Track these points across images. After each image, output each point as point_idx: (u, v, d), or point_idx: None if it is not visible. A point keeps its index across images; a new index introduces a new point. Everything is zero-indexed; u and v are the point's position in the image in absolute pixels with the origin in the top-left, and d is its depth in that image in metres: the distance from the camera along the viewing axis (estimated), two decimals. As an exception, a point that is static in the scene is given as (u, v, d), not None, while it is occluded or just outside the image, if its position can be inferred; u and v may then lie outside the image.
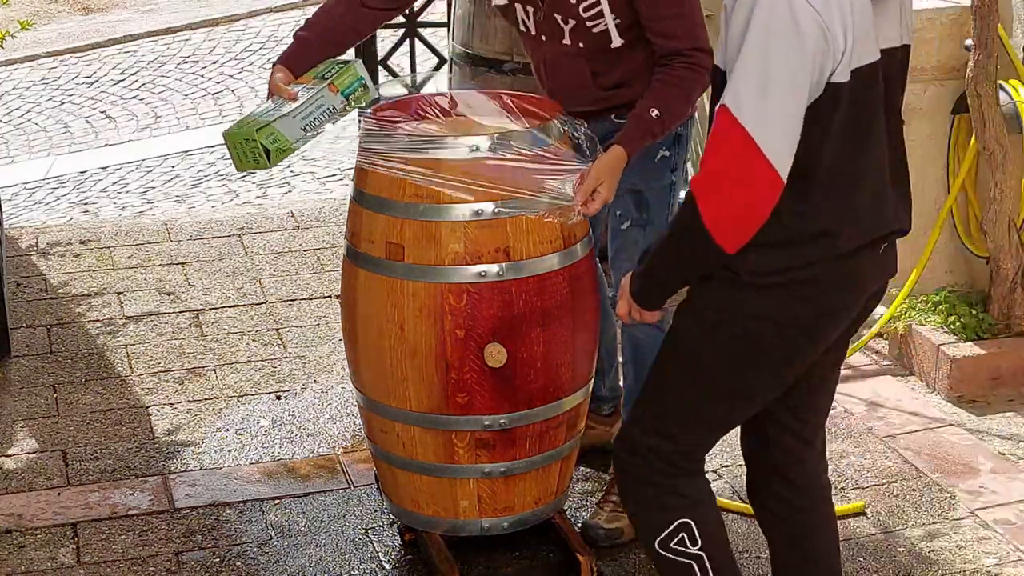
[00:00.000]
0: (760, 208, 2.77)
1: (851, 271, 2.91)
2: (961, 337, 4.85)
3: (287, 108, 3.63)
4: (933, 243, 5.11)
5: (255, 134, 3.56)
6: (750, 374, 2.97)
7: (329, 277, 5.83)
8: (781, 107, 2.71)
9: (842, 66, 2.74)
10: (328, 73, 3.72)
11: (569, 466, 3.94)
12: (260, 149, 3.56)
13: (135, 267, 6.01)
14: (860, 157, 2.86)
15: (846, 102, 2.78)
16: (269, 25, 10.79)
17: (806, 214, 2.82)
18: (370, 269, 3.69)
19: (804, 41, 2.68)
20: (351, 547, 4.05)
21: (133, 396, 4.93)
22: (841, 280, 2.91)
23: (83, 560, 4.01)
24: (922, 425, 4.63)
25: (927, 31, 5.05)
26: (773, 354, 2.95)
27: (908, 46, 2.97)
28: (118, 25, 11.61)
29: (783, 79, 2.70)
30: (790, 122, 2.73)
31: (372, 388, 3.81)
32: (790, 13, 2.68)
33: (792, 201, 2.79)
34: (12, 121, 9.72)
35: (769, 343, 2.92)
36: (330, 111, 3.68)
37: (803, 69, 2.70)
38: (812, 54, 2.69)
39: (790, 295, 2.88)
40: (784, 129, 2.72)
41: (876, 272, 2.99)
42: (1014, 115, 4.77)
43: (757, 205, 2.76)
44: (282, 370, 5.10)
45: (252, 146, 3.57)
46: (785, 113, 2.72)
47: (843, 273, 2.90)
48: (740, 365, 2.96)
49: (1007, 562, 3.90)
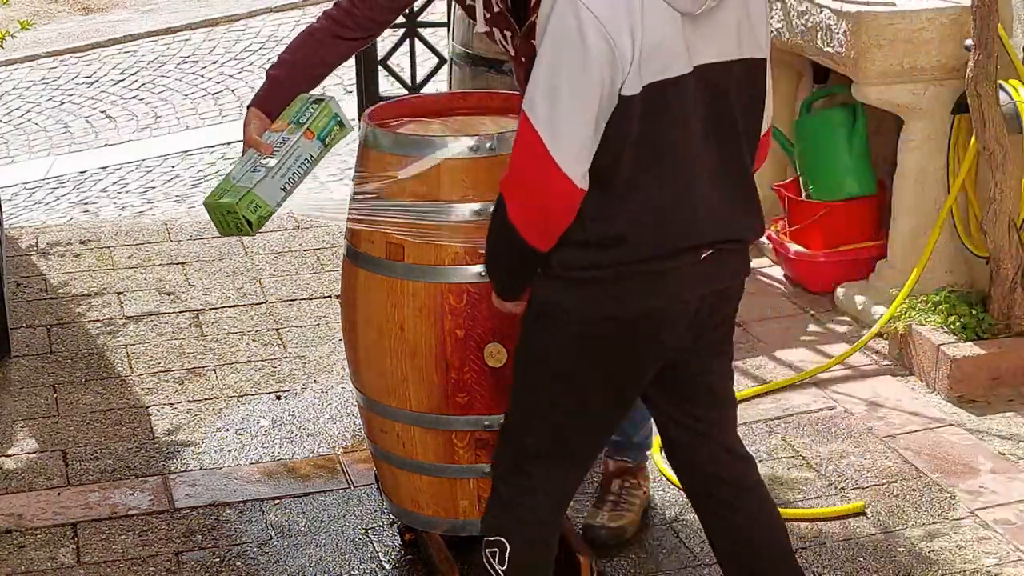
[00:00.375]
0: (556, 212, 2.86)
1: (657, 277, 2.93)
2: (961, 337, 4.85)
3: (265, 169, 3.58)
4: (933, 243, 5.11)
5: (235, 206, 3.53)
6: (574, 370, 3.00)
7: (329, 277, 5.83)
8: (569, 117, 2.78)
9: (631, 80, 2.78)
10: (303, 117, 3.65)
11: (569, 466, 3.94)
12: (242, 220, 3.55)
13: (135, 267, 6.01)
14: (661, 169, 2.88)
15: (639, 115, 2.82)
16: (269, 25, 10.79)
17: (605, 220, 2.88)
18: (370, 269, 3.69)
19: (589, 53, 2.75)
20: (351, 547, 4.05)
21: (133, 396, 4.93)
22: (647, 285, 2.93)
23: (83, 560, 4.01)
24: (922, 425, 4.63)
25: (927, 31, 5.06)
26: (592, 351, 2.98)
27: (753, 59, 2.97)
28: (118, 25, 11.62)
29: (569, 89, 2.77)
30: (580, 131, 2.79)
31: (372, 388, 3.81)
32: (577, 25, 2.74)
33: (592, 207, 2.86)
34: (12, 121, 9.73)
35: (585, 339, 2.97)
36: (308, 161, 3.64)
37: (589, 80, 2.76)
38: (599, 66, 2.75)
39: (601, 292, 2.93)
40: (574, 138, 2.80)
41: (696, 280, 2.99)
42: (1014, 115, 4.77)
43: (553, 208, 2.86)
44: (282, 370, 5.10)
45: (234, 217, 3.56)
46: (573, 122, 2.79)
47: (649, 279, 2.93)
48: (562, 358, 3.00)
49: (1007, 562, 3.89)
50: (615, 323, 2.96)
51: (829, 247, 5.53)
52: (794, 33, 5.43)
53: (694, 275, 2.98)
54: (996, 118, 4.75)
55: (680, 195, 2.92)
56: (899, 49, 5.05)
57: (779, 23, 5.53)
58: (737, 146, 3.00)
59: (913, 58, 5.07)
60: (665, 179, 2.90)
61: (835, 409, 4.74)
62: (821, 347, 5.16)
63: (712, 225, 2.97)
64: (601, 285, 2.93)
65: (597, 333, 2.97)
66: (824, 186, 5.55)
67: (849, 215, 5.52)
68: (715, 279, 3.04)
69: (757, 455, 4.42)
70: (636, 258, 2.90)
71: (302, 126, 3.63)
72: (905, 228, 5.27)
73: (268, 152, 3.59)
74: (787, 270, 5.74)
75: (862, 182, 5.52)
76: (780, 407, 4.75)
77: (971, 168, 5.07)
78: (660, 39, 2.80)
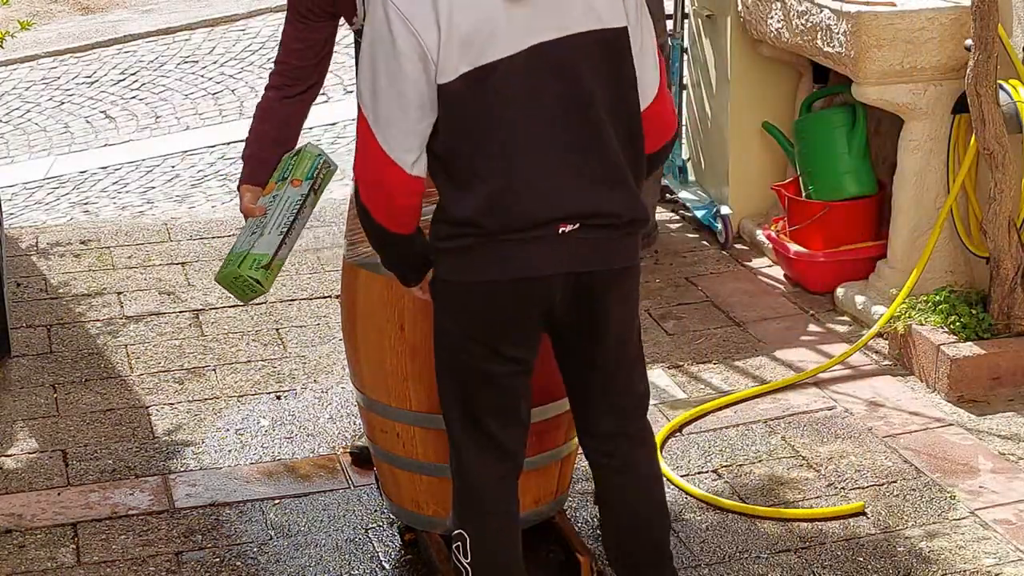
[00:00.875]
0: (397, 196, 3.05)
1: (513, 252, 3.04)
2: (961, 337, 4.85)
3: (260, 228, 3.70)
4: (933, 243, 5.11)
5: (238, 271, 3.65)
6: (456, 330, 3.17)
7: (329, 277, 5.83)
8: (388, 107, 2.97)
9: (444, 69, 2.92)
10: (287, 171, 3.76)
11: (569, 466, 3.94)
12: (249, 280, 3.66)
13: (135, 267, 6.02)
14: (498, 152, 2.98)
15: (463, 102, 2.94)
16: (269, 25, 10.79)
17: (455, 205, 3.03)
18: (370, 269, 3.69)
19: (396, 46, 2.93)
20: (351, 547, 4.05)
21: (133, 396, 4.93)
22: (505, 257, 3.05)
23: (83, 560, 4.00)
24: (922, 425, 4.62)
25: (927, 31, 5.05)
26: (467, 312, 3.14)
27: (608, 30, 3.02)
28: (118, 25, 11.61)
29: (386, 82, 2.96)
30: (401, 121, 2.97)
31: (372, 388, 3.81)
32: (386, 20, 2.94)
33: (444, 194, 3.06)
34: (12, 121, 9.72)
35: (460, 301, 3.13)
36: (300, 202, 3.73)
37: (401, 72, 2.94)
38: (407, 59, 2.93)
39: (466, 261, 3.07)
40: (396, 128, 2.98)
41: (558, 255, 3.06)
42: (1014, 115, 4.77)
43: (393, 193, 3.04)
44: (282, 370, 5.10)
45: (242, 281, 3.67)
46: (392, 113, 2.97)
47: (505, 253, 3.04)
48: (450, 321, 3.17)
49: (1007, 562, 3.89)
50: (482, 289, 3.10)
51: (829, 247, 5.53)
52: (794, 33, 5.43)
53: (555, 250, 3.06)
54: (996, 118, 4.75)
55: (523, 175, 3.00)
56: (899, 49, 5.05)
57: (779, 23, 5.53)
58: (596, 123, 3.03)
59: (913, 58, 5.07)
60: (504, 161, 2.99)
61: (835, 409, 4.74)
62: (821, 347, 5.16)
63: (564, 200, 3.03)
64: (466, 255, 3.07)
65: (468, 300, 3.12)
66: (824, 186, 5.55)
67: (849, 215, 5.52)
68: (583, 259, 3.09)
69: (757, 455, 4.43)
70: (487, 235, 3.03)
71: (287, 179, 3.75)
72: (905, 228, 5.27)
73: (261, 213, 3.70)
74: (787, 270, 5.74)
75: (862, 182, 5.52)
76: (780, 407, 4.75)
77: (971, 168, 5.07)
78: (475, 26, 2.91)
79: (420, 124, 2.98)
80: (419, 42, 2.92)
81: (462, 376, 3.24)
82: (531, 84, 2.98)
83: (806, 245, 5.59)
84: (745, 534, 4.05)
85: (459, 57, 2.93)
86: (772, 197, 6.01)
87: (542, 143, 3.01)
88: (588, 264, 3.10)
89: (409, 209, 3.09)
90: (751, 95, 6.02)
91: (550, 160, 3.02)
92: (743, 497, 4.22)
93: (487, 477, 3.30)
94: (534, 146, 3.01)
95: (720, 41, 6.08)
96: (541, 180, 3.02)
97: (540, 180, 3.02)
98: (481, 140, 2.99)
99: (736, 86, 6.01)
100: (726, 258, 5.98)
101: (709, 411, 4.70)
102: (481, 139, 2.99)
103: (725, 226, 6.04)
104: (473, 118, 2.97)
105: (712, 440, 4.55)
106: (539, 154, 3.01)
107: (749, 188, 6.12)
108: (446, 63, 2.93)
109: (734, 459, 4.43)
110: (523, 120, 2.99)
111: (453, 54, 2.92)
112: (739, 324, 5.37)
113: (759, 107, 6.02)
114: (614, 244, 3.12)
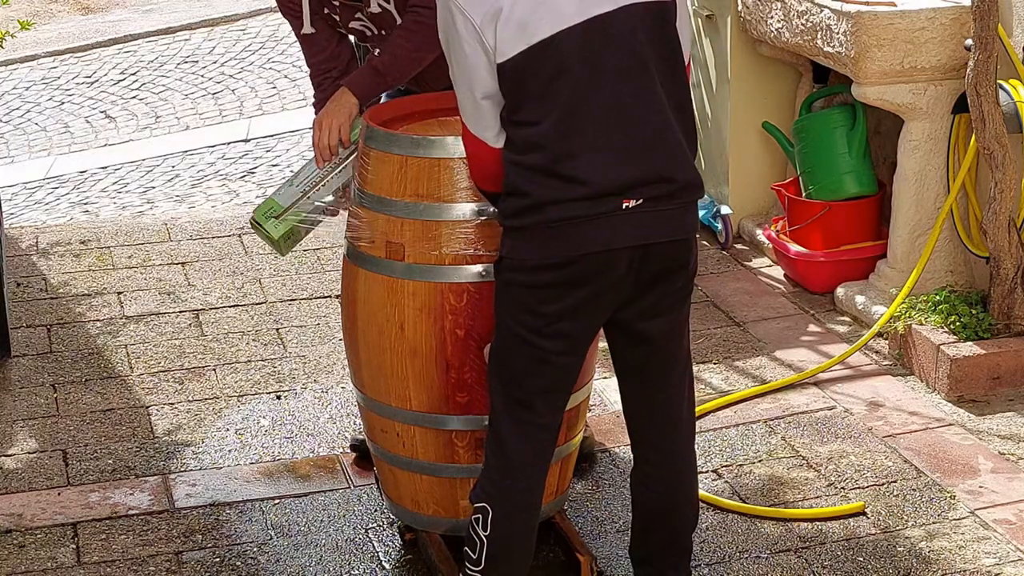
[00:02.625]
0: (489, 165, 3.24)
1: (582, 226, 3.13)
2: (961, 337, 4.85)
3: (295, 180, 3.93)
4: (933, 243, 5.11)
5: (254, 213, 3.87)
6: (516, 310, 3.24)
7: (329, 277, 5.83)
8: (461, 89, 3.20)
9: (502, 50, 3.09)
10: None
11: (569, 466, 3.94)
12: (260, 228, 3.85)
13: (135, 267, 6.02)
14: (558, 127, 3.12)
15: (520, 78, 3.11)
16: (269, 25, 10.78)
17: (519, 191, 3.17)
18: (370, 268, 3.69)
19: (459, 34, 3.14)
20: (351, 547, 4.05)
21: (133, 396, 4.93)
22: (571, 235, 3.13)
23: (83, 560, 4.01)
24: (922, 425, 4.62)
25: (927, 31, 5.05)
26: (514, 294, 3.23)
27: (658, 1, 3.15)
28: (118, 25, 11.62)
29: (457, 67, 3.19)
30: (470, 101, 3.18)
31: (372, 387, 3.81)
32: (451, 15, 3.15)
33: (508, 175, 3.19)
34: (12, 121, 9.73)
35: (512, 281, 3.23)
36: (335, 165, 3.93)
37: (465, 57, 3.14)
38: (469, 44, 3.13)
39: (530, 240, 3.17)
40: (469, 106, 3.20)
41: (625, 229, 3.15)
42: (1014, 115, 4.76)
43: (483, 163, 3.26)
44: (282, 370, 5.10)
45: (256, 224, 3.86)
46: (464, 93, 3.20)
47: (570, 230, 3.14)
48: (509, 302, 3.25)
49: (1007, 562, 3.89)
50: (547, 269, 3.17)
51: (829, 247, 5.53)
52: (794, 33, 5.43)
53: (622, 225, 3.14)
54: (996, 118, 4.75)
55: (583, 149, 3.11)
56: (899, 49, 5.05)
57: (779, 23, 5.53)
58: (652, 91, 3.15)
59: (913, 58, 5.07)
60: (563, 137, 3.10)
61: (835, 409, 4.74)
62: (821, 347, 5.16)
63: (622, 178, 3.12)
64: (530, 233, 3.17)
65: (532, 279, 3.19)
66: (824, 186, 5.55)
67: (849, 215, 5.52)
68: (651, 231, 3.17)
69: (757, 455, 4.43)
70: (552, 217, 3.13)
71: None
72: (905, 228, 5.27)
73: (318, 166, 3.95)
74: (787, 270, 5.74)
75: (862, 182, 5.52)
76: (780, 407, 4.75)
77: (971, 168, 5.07)
78: (532, 7, 3.08)
79: (488, 103, 3.18)
80: (476, 29, 3.11)
81: (518, 354, 3.28)
82: (589, 59, 3.10)
83: (806, 245, 5.59)
84: (745, 534, 4.05)
85: (516, 36, 3.08)
86: (772, 197, 6.01)
87: (602, 112, 3.12)
88: (657, 235, 3.18)
89: (490, 176, 3.29)
90: (751, 95, 6.02)
91: (613, 133, 3.13)
92: (743, 497, 4.22)
93: (524, 456, 3.34)
94: (595, 120, 3.12)
95: (720, 41, 6.08)
96: (605, 154, 3.12)
97: (604, 154, 3.12)
98: (539, 109, 3.12)
99: (736, 86, 6.01)
100: (726, 258, 5.98)
101: (709, 411, 4.70)
102: (539, 108, 3.12)
103: (725, 226, 6.04)
104: (533, 90, 3.11)
105: (712, 440, 4.55)
106: (601, 129, 3.12)
107: (749, 188, 6.12)
108: (503, 44, 3.09)
109: (734, 459, 4.43)
110: (577, 93, 3.10)
111: (510, 34, 3.08)
112: (739, 324, 5.37)
113: (759, 107, 6.02)
114: (674, 212, 3.20)
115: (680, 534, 3.48)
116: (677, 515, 3.46)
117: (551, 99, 3.11)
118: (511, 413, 3.33)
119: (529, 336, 3.24)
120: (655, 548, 3.49)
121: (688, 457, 3.46)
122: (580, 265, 3.16)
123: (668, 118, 3.17)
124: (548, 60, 3.09)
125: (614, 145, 3.13)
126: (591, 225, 3.13)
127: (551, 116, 3.11)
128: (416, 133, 3.70)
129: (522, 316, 3.23)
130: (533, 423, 3.33)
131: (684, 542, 3.50)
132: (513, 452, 3.34)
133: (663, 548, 3.48)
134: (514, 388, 3.31)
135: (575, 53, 3.10)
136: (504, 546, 3.37)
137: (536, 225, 3.15)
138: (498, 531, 3.35)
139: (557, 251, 3.15)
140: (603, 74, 3.11)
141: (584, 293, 3.19)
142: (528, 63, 3.10)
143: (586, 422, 4.07)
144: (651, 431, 3.43)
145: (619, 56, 3.12)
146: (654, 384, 3.37)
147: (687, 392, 3.43)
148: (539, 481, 3.39)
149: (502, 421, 3.34)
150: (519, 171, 3.16)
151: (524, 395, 3.31)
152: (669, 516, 3.46)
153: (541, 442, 3.36)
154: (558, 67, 3.09)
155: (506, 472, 3.35)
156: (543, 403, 3.32)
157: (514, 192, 3.18)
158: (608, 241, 3.14)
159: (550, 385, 3.31)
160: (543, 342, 3.23)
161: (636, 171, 3.13)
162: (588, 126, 3.12)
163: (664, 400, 3.39)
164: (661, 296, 3.26)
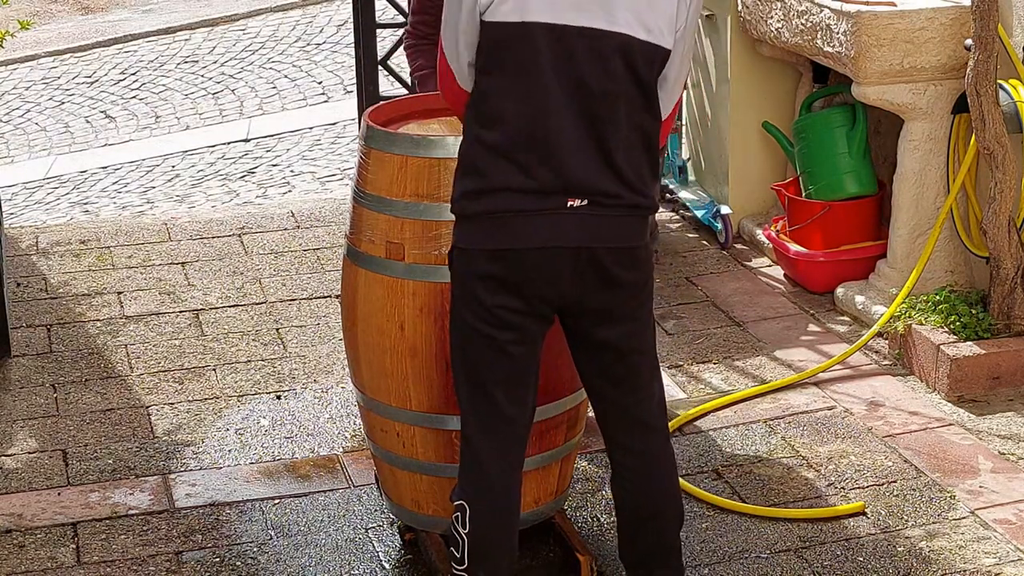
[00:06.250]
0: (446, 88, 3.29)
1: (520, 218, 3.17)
2: (961, 337, 4.85)
3: None
4: (933, 243, 5.11)
5: None
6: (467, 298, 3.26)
7: (329, 277, 5.83)
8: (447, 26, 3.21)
9: (492, 10, 3.12)
10: None
11: (569, 466, 3.94)
12: None
13: (135, 267, 6.02)
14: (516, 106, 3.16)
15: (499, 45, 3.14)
16: (269, 25, 10.78)
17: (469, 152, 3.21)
18: (370, 269, 3.69)
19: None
20: (351, 547, 4.05)
21: (133, 396, 4.93)
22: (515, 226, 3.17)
23: (83, 560, 4.01)
24: (922, 425, 4.63)
25: (927, 31, 5.05)
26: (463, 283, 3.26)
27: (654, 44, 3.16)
28: (118, 25, 11.63)
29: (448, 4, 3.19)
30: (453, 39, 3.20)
31: (372, 387, 3.81)
32: None
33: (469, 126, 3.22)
34: (12, 121, 9.73)
35: (462, 270, 3.26)
36: None
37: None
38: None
39: (478, 228, 3.21)
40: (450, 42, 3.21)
41: (568, 228, 3.17)
42: (1014, 115, 4.77)
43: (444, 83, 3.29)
44: (282, 370, 5.10)
45: None
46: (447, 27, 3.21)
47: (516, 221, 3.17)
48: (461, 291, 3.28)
49: (1007, 562, 3.89)
50: (491, 260, 3.20)
51: (829, 247, 5.53)
52: (794, 33, 5.43)
53: (565, 223, 3.17)
54: (996, 118, 4.75)
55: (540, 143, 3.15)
56: (899, 49, 5.05)
57: (779, 23, 5.54)
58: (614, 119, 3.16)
59: (913, 58, 5.07)
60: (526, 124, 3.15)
61: (835, 409, 4.74)
62: (821, 347, 5.16)
63: (573, 177, 3.16)
64: (478, 223, 3.21)
65: (478, 268, 3.22)
66: (824, 186, 5.55)
67: (849, 215, 5.52)
68: (595, 235, 3.19)
69: (757, 455, 4.43)
70: (499, 207, 3.17)
71: None
72: (905, 228, 5.27)
73: None
74: (787, 270, 5.75)
75: (862, 182, 5.52)
76: (780, 407, 4.75)
77: (971, 168, 5.07)
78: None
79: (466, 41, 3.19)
80: None
81: (471, 343, 3.30)
82: (567, 59, 3.13)
83: (806, 245, 5.59)
84: (745, 534, 4.05)
85: (511, 5, 3.11)
86: (772, 197, 6.01)
87: (568, 119, 3.15)
88: (600, 239, 3.20)
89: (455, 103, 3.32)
90: (751, 95, 6.02)
91: (566, 131, 3.15)
92: (743, 497, 4.22)
93: (491, 452, 3.35)
94: (554, 111, 3.15)
95: (720, 41, 6.08)
96: (555, 151, 3.15)
97: (554, 150, 3.15)
98: (512, 86, 3.16)
99: (736, 86, 6.01)
100: (726, 258, 5.98)
101: (709, 411, 4.70)
102: (512, 85, 3.16)
103: (725, 226, 6.04)
104: (510, 65, 3.15)
105: (712, 440, 4.55)
106: (560, 128, 3.15)
107: (749, 188, 6.12)
108: (496, 3, 3.12)
109: (734, 459, 4.43)
110: (549, 85, 3.14)
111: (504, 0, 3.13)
112: (739, 324, 5.37)
113: (759, 107, 6.03)
114: (621, 220, 3.21)
115: (665, 533, 3.47)
116: (660, 516, 3.46)
117: (521, 81, 3.15)
118: (474, 406, 3.35)
119: (479, 325, 3.26)
120: (643, 550, 3.48)
121: (664, 457, 3.46)
122: (523, 257, 3.18)
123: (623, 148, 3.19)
124: (528, 44, 3.13)
125: (571, 148, 3.15)
126: (536, 219, 3.16)
127: (515, 97, 3.16)
128: (416, 133, 3.70)
129: (472, 305, 3.26)
130: (495, 416, 3.33)
131: (671, 541, 3.49)
132: (479, 448, 3.35)
133: (651, 549, 3.48)
134: (474, 379, 3.33)
135: (555, 50, 3.13)
136: (484, 543, 3.37)
137: (483, 214, 3.19)
138: (476, 528, 3.35)
139: (502, 241, 3.19)
140: (574, 80, 3.14)
141: (526, 286, 3.21)
142: (509, 36, 3.14)
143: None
144: (624, 435, 3.43)
145: (595, 73, 3.14)
146: (622, 388, 3.37)
147: (657, 393, 3.43)
148: (511, 478, 3.38)
149: (468, 417, 3.37)
150: (479, 149, 3.19)
151: (484, 386, 3.32)
152: (652, 517, 3.46)
153: (505, 437, 3.36)
154: (534, 55, 3.13)
155: (477, 469, 3.37)
156: (503, 395, 3.32)
157: (470, 171, 3.20)
158: (550, 238, 3.17)
159: (508, 375, 3.31)
160: (493, 331, 3.26)
161: (585, 176, 3.16)
162: (550, 123, 3.14)
163: (634, 403, 3.39)
164: (614, 303, 3.27)
